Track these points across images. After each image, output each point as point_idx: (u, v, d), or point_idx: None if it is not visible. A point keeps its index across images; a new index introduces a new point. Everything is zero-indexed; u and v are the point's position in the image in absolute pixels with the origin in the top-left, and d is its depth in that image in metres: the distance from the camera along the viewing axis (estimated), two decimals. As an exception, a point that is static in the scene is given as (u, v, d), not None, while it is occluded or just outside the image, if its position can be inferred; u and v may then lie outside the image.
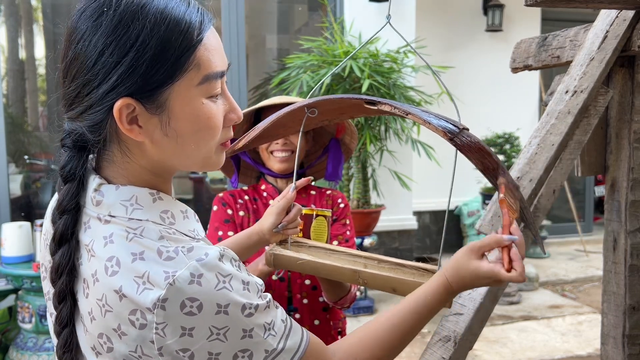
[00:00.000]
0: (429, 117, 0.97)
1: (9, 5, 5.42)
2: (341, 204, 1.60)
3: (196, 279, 0.66)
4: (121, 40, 0.64)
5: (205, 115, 0.71)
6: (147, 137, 0.70)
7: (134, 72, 0.65)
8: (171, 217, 0.72)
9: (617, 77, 1.56)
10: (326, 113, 1.18)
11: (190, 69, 0.68)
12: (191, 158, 0.74)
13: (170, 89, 0.68)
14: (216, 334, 0.66)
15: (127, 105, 0.66)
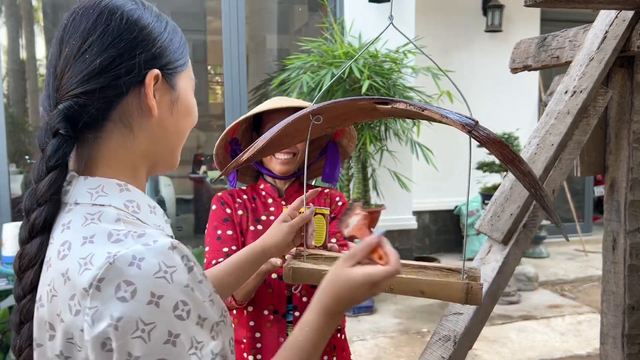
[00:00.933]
0: (445, 112, 0.98)
1: (10, 5, 5.42)
2: (339, 202, 1.61)
3: (137, 262, 0.63)
4: (157, 23, 0.76)
5: (193, 104, 0.83)
6: (158, 112, 0.75)
7: (163, 53, 0.75)
8: (136, 207, 0.73)
9: (617, 77, 1.57)
10: (329, 120, 1.17)
11: (189, 66, 0.82)
12: (176, 142, 0.81)
13: (182, 74, 0.79)
14: (141, 330, 0.61)
15: (156, 75, 0.74)
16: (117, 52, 0.71)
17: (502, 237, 1.41)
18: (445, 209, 6.20)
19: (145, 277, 0.62)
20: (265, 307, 1.50)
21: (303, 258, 1.19)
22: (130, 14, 0.74)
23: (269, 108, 1.49)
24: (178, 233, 6.06)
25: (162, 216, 0.77)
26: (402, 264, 1.15)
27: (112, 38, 0.71)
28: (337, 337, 1.60)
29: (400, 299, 4.58)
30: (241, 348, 1.53)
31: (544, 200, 1.12)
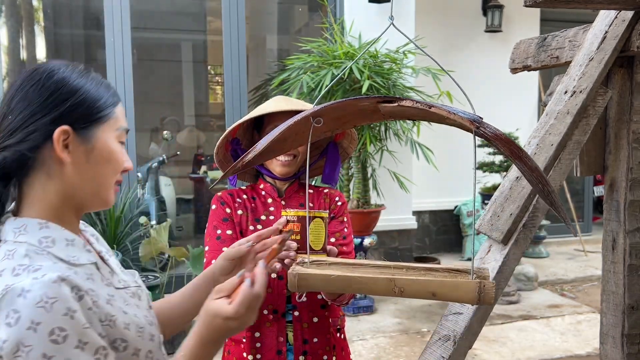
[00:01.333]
0: (452, 109, 0.98)
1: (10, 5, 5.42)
2: (339, 202, 1.61)
3: (24, 293, 0.75)
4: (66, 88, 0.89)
5: (116, 152, 0.94)
6: (72, 161, 0.89)
7: (75, 110, 0.88)
8: (50, 242, 0.86)
9: (616, 77, 1.57)
10: (330, 122, 1.15)
11: (112, 117, 0.93)
12: (98, 187, 0.93)
13: (98, 127, 0.91)
14: (22, 351, 0.73)
15: (64, 131, 0.87)
16: (31, 112, 0.86)
17: (502, 237, 1.41)
18: (445, 209, 6.21)
19: (28, 306, 0.75)
20: (264, 307, 1.51)
21: (307, 264, 1.16)
22: (46, 79, 0.88)
23: (271, 111, 1.49)
24: (178, 233, 6.06)
25: (83, 246, 0.91)
26: (410, 267, 1.14)
27: (27, 101, 0.87)
28: (337, 336, 1.60)
29: (400, 299, 4.59)
30: (241, 348, 1.53)
31: (551, 196, 1.11)
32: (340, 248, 1.54)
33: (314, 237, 1.30)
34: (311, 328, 1.53)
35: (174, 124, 6.75)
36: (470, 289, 1.03)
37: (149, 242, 3.66)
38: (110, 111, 0.93)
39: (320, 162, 1.68)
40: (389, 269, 1.13)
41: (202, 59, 7.89)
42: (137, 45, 5.99)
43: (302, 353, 1.52)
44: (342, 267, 1.16)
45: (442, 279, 1.06)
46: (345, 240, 1.57)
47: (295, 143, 1.24)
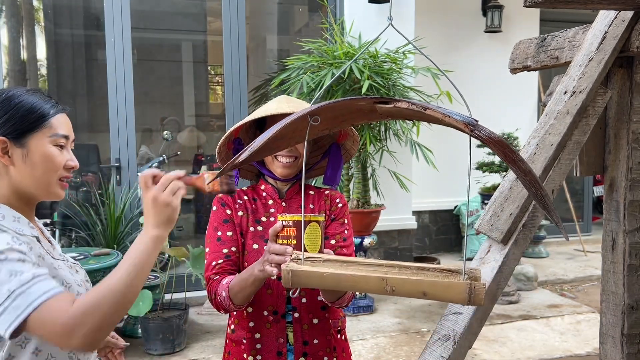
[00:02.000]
0: (448, 112, 0.98)
1: (11, 6, 5.42)
2: (339, 204, 1.61)
3: None
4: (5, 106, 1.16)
5: (50, 155, 1.17)
6: (12, 163, 1.16)
7: (8, 123, 1.15)
8: (1, 217, 1.14)
9: (616, 77, 1.57)
10: (326, 121, 1.16)
11: (45, 127, 1.17)
12: (38, 182, 1.17)
13: (31, 135, 1.16)
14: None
15: (2, 140, 1.14)
16: None
17: (502, 236, 1.42)
18: (444, 209, 6.21)
19: None
20: (264, 308, 1.51)
21: (301, 261, 1.17)
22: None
23: (273, 113, 1.49)
24: (178, 233, 6.06)
25: (27, 224, 1.18)
26: (402, 266, 1.15)
27: None
28: (337, 338, 1.60)
29: (400, 299, 4.59)
30: (241, 349, 1.53)
31: (544, 200, 1.12)
32: (340, 250, 1.54)
33: (310, 241, 1.29)
34: (311, 329, 1.53)
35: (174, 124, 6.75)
36: (461, 289, 1.04)
37: (149, 242, 3.65)
38: (43, 122, 1.17)
39: (322, 163, 1.68)
40: (381, 268, 1.14)
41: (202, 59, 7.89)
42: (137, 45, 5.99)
43: (302, 354, 1.52)
44: (336, 265, 1.16)
45: (433, 279, 1.07)
46: (345, 242, 1.57)
47: (292, 141, 1.24)
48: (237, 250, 1.52)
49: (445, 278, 1.08)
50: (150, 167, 5.26)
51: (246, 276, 1.38)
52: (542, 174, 1.43)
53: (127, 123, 4.35)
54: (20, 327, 1.02)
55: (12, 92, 1.18)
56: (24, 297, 1.02)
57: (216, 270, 1.49)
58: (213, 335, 3.89)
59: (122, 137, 4.35)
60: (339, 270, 1.12)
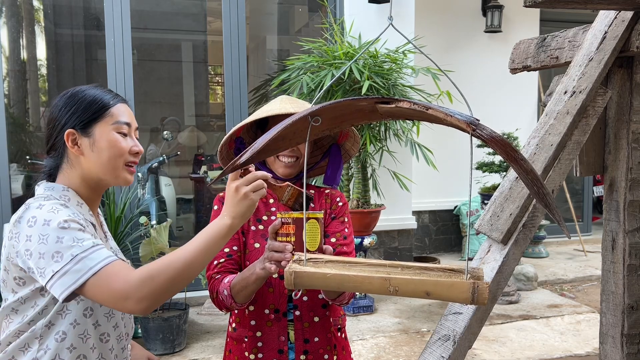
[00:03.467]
0: (449, 111, 0.98)
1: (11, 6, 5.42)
2: (339, 202, 1.62)
3: (40, 206, 1.17)
4: (70, 101, 1.28)
5: (114, 140, 1.27)
6: (82, 152, 1.26)
7: (74, 115, 1.26)
8: (67, 200, 1.25)
9: (616, 77, 1.57)
10: (327, 122, 1.16)
11: (107, 115, 1.27)
12: (107, 167, 1.27)
13: (95, 124, 1.26)
14: (42, 239, 1.12)
15: (71, 132, 1.26)
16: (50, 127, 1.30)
17: (502, 236, 1.42)
18: (444, 209, 6.21)
19: (42, 213, 1.15)
20: (266, 306, 1.51)
21: (303, 263, 1.17)
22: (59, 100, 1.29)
23: (276, 113, 1.49)
24: (178, 233, 6.06)
25: (88, 211, 1.29)
26: (405, 266, 1.15)
27: (50, 116, 1.30)
28: (338, 336, 1.60)
29: (400, 299, 4.59)
30: (242, 347, 1.53)
31: (546, 198, 1.12)
32: (341, 248, 1.54)
33: (309, 238, 1.30)
34: (312, 327, 1.53)
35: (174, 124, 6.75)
36: (464, 289, 1.04)
37: (149, 242, 3.66)
38: (105, 111, 1.26)
39: (322, 163, 1.68)
40: (384, 268, 1.14)
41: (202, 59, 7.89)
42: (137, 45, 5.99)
43: (303, 352, 1.52)
44: (338, 266, 1.16)
45: (436, 279, 1.06)
46: (345, 240, 1.57)
47: (293, 142, 1.24)
48: (239, 249, 1.53)
49: (448, 277, 1.07)
50: (150, 167, 5.26)
51: (247, 274, 1.38)
52: (542, 174, 1.43)
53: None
54: (77, 290, 1.11)
55: (75, 89, 1.29)
56: (85, 262, 1.11)
57: (218, 269, 1.49)
58: (213, 335, 3.89)
59: (122, 137, 4.34)
60: (342, 271, 1.12)
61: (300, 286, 1.15)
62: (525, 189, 1.41)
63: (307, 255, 1.20)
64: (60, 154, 1.28)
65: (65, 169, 1.28)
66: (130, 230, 4.20)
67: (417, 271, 1.12)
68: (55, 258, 1.10)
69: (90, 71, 6.52)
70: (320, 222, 1.32)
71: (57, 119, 1.27)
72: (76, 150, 1.25)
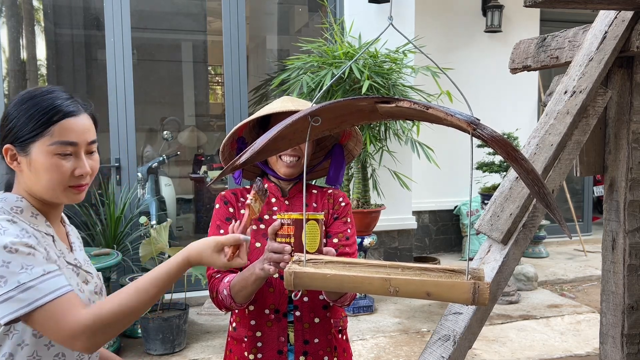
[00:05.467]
0: (450, 111, 0.98)
1: (11, 6, 5.42)
2: (342, 203, 1.61)
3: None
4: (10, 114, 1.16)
5: (50, 165, 1.14)
6: (20, 170, 1.16)
7: (13, 131, 1.14)
8: (19, 211, 1.15)
9: (616, 77, 1.57)
10: (327, 122, 1.16)
11: (46, 135, 1.13)
12: (44, 190, 1.16)
13: (33, 143, 1.13)
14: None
15: (9, 148, 1.15)
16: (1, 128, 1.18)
17: (502, 236, 1.42)
18: (445, 209, 6.21)
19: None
20: (266, 307, 1.51)
21: (303, 263, 1.17)
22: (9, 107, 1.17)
23: (278, 111, 1.49)
24: (178, 233, 6.06)
25: (44, 221, 1.19)
26: (405, 267, 1.15)
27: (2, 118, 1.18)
28: (339, 337, 1.60)
29: (400, 299, 4.59)
30: (242, 347, 1.53)
31: (547, 198, 1.12)
32: (343, 249, 1.54)
33: (309, 239, 1.29)
34: (312, 328, 1.53)
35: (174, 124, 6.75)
36: (465, 289, 1.04)
37: (149, 242, 3.66)
38: (44, 129, 1.13)
39: (325, 164, 1.68)
40: (384, 269, 1.14)
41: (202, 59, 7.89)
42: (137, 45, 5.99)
43: (302, 353, 1.52)
44: (338, 266, 1.16)
45: (437, 279, 1.06)
46: (348, 241, 1.57)
47: (293, 142, 1.24)
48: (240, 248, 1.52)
49: (448, 278, 1.07)
50: (150, 167, 5.26)
51: (247, 275, 1.38)
52: (543, 174, 1.43)
53: (127, 123, 4.34)
54: (19, 318, 1.04)
55: (27, 94, 1.17)
56: (32, 292, 1.03)
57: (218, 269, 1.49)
58: (213, 336, 3.89)
59: (122, 137, 4.35)
60: (342, 271, 1.12)
61: (300, 287, 1.14)
62: (525, 188, 1.40)
63: (307, 255, 1.20)
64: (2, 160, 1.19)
65: (16, 178, 1.20)
66: (130, 231, 4.20)
67: (418, 272, 1.12)
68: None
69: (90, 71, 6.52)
70: (321, 223, 1.32)
71: (2, 126, 1.17)
72: (15, 166, 1.16)
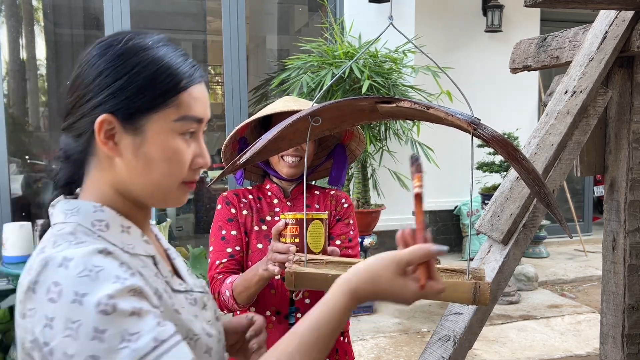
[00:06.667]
0: (450, 110, 0.98)
1: (10, 5, 5.42)
2: (345, 204, 1.61)
3: (65, 263, 0.66)
4: (118, 68, 0.76)
5: (172, 149, 0.78)
6: (118, 154, 0.77)
7: (120, 95, 0.75)
8: (104, 227, 0.76)
9: (616, 77, 1.57)
10: (327, 122, 1.16)
11: (171, 105, 0.77)
12: (153, 186, 0.79)
13: (148, 117, 0.76)
14: (70, 328, 0.63)
15: (108, 121, 0.75)
16: (82, 93, 0.77)
17: (502, 237, 1.41)
18: (445, 209, 6.20)
19: (70, 277, 0.66)
20: (267, 309, 1.50)
21: (304, 263, 1.16)
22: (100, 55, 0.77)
23: (279, 110, 1.48)
24: (178, 233, 6.05)
25: (140, 236, 0.80)
26: None
27: (81, 79, 0.78)
28: (340, 340, 1.59)
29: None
30: (242, 348, 1.53)
31: (547, 198, 1.12)
32: (346, 251, 1.54)
33: (313, 239, 1.29)
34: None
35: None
36: (466, 289, 1.04)
37: (149, 242, 3.66)
38: (171, 97, 0.77)
39: (327, 164, 1.68)
40: None
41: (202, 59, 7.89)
42: (137, 45, 5.96)
43: (303, 354, 1.51)
44: (339, 266, 1.16)
45: None
46: (350, 242, 1.56)
47: (293, 142, 1.24)
48: (241, 249, 1.52)
49: (449, 278, 1.07)
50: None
51: (250, 276, 1.37)
52: (543, 174, 1.43)
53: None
54: None
55: (133, 42, 0.77)
56: None
57: (220, 270, 1.48)
58: (213, 336, 3.88)
59: (122, 137, 4.34)
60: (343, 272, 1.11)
61: (300, 287, 1.14)
62: (525, 188, 1.40)
63: (308, 256, 1.20)
64: (85, 142, 0.78)
65: (94, 169, 0.79)
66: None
67: None
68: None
69: (90, 71, 6.52)
70: (325, 222, 1.32)
71: (87, 87, 0.76)
72: (110, 147, 0.76)
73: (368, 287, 0.81)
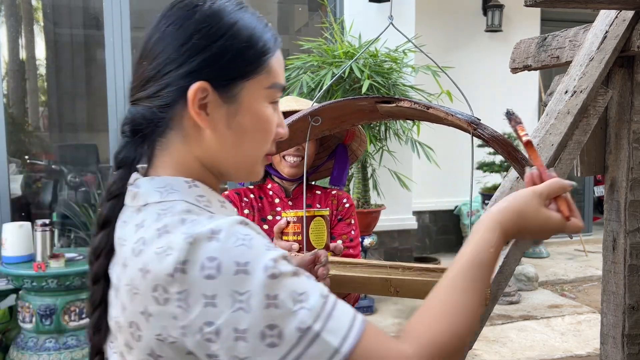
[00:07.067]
0: (450, 110, 0.98)
1: (10, 5, 5.42)
2: (346, 204, 1.61)
3: (215, 235, 0.62)
4: (212, 29, 0.70)
5: (265, 117, 0.75)
6: (211, 126, 0.71)
7: (217, 60, 0.70)
8: (207, 202, 0.72)
9: (617, 77, 1.57)
10: (327, 122, 1.16)
11: (263, 72, 0.73)
12: (243, 158, 0.75)
13: (243, 85, 0.72)
14: (239, 301, 0.59)
15: (202, 89, 0.69)
16: (165, 59, 0.70)
17: (502, 237, 1.41)
18: (445, 209, 6.20)
19: (226, 248, 0.61)
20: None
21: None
22: (187, 16, 0.71)
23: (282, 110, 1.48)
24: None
25: (233, 212, 0.77)
26: (406, 267, 1.14)
27: (163, 44, 0.71)
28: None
29: (400, 299, 4.58)
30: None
31: None
32: (347, 250, 1.54)
33: (316, 236, 1.29)
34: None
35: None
36: None
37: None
38: (263, 63, 0.72)
39: (328, 164, 1.68)
40: (385, 269, 1.14)
41: (202, 59, 7.89)
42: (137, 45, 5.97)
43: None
44: (339, 267, 1.16)
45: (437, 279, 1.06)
46: (352, 242, 1.56)
47: (293, 142, 1.24)
48: None
49: None
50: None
51: None
52: (543, 174, 1.43)
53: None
54: None
55: (211, 8, 0.71)
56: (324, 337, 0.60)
57: None
58: (213, 336, 3.88)
59: (121, 137, 4.34)
60: (343, 271, 1.11)
61: None
62: (525, 189, 1.40)
63: None
64: (167, 116, 0.72)
65: (178, 143, 0.73)
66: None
67: (418, 272, 1.12)
68: (267, 339, 0.59)
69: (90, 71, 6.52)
70: (326, 219, 1.32)
71: (175, 51, 0.70)
72: (202, 118, 0.70)
73: (515, 220, 0.78)
